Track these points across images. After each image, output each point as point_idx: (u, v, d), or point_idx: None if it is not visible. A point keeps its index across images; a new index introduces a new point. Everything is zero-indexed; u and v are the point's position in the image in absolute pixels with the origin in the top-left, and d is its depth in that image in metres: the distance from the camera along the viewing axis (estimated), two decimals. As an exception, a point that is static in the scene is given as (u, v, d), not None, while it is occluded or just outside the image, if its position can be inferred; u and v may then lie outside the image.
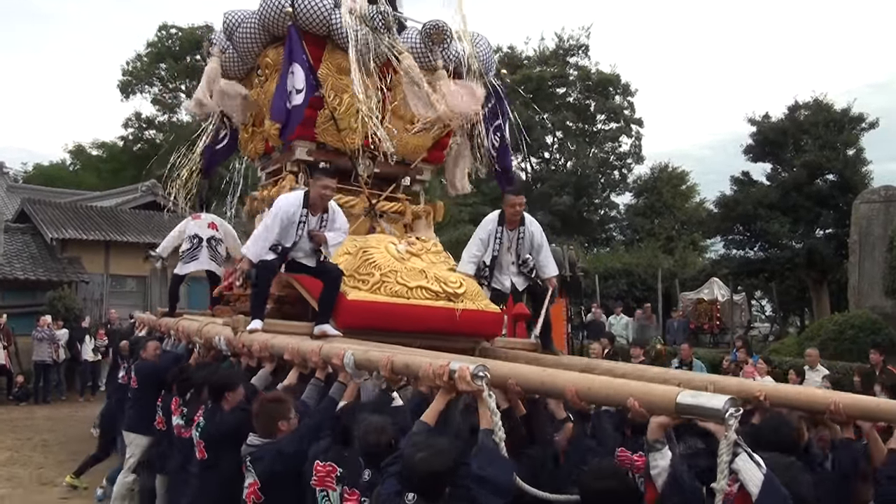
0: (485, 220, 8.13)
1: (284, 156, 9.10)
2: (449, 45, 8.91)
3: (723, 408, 3.06)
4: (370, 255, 7.36)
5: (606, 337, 15.13)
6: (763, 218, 26.12)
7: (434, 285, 7.22)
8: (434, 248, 8.05)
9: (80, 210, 24.04)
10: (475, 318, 7.30)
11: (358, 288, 7.09)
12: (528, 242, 7.96)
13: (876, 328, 15.22)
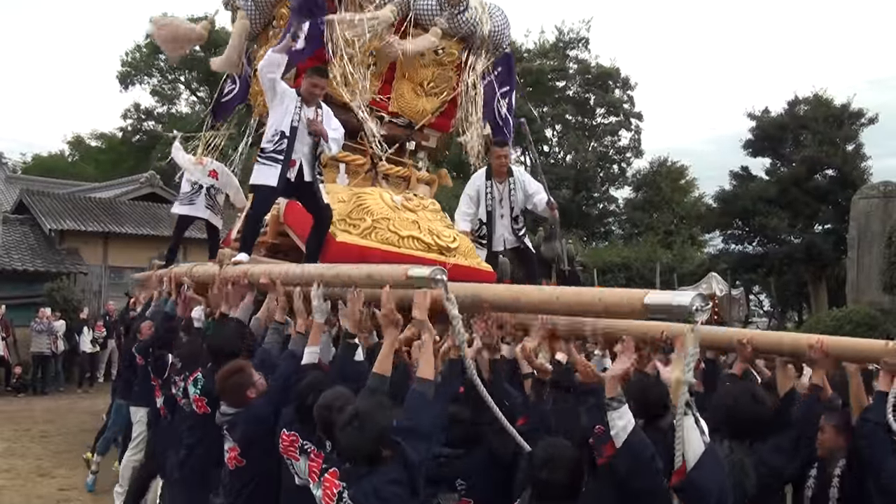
0: (473, 177, 8.10)
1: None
2: (464, 10, 8.72)
3: (690, 303, 2.92)
4: (364, 200, 7.21)
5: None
6: (762, 213, 26.17)
7: (426, 237, 7.11)
8: (432, 206, 7.92)
9: (78, 201, 24.03)
10: (466, 274, 6.94)
11: (348, 231, 6.95)
12: (520, 193, 7.92)
13: (874, 324, 15.23)
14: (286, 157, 6.58)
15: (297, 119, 6.64)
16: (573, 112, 38.89)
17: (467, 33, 8.85)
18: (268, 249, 7.67)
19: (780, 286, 26.38)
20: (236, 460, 4.39)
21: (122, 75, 38.86)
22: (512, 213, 7.94)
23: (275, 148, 6.58)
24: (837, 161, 25.91)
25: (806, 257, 25.30)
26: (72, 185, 30.75)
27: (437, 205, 8.07)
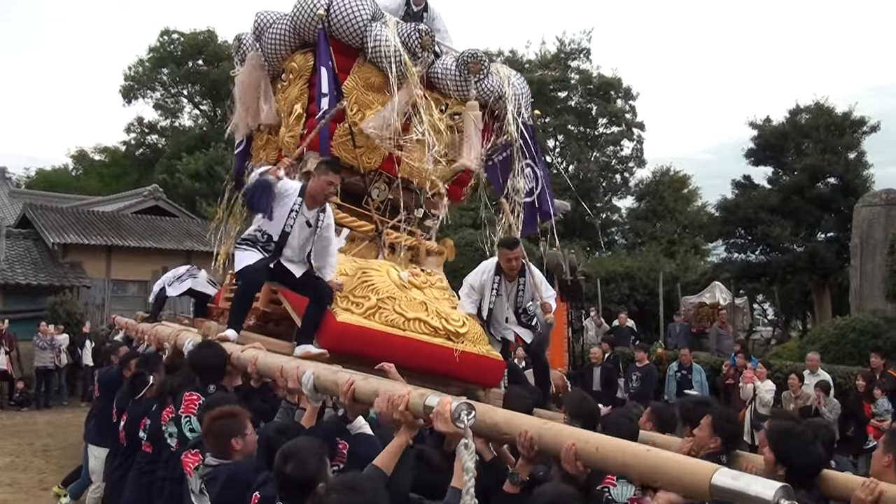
0: (480, 266, 7.54)
1: (295, 167, 8.29)
2: (485, 77, 8.39)
3: (773, 498, 2.47)
4: (369, 277, 6.69)
5: (607, 341, 15.15)
6: (764, 222, 26.15)
7: (434, 320, 6.57)
8: (439, 283, 7.46)
9: (81, 215, 24.10)
10: (475, 362, 6.62)
11: (350, 310, 6.38)
12: (528, 294, 7.37)
13: (877, 332, 15.21)
14: (272, 255, 6.21)
15: (291, 223, 6.18)
16: (575, 122, 38.93)
17: (488, 99, 8.47)
18: (258, 317, 7.36)
19: (783, 295, 26.33)
20: None
21: (125, 89, 39.11)
22: (518, 309, 7.41)
23: (263, 245, 6.20)
24: (839, 169, 25.90)
25: (809, 266, 25.26)
26: (75, 199, 30.87)
27: (444, 281, 7.67)
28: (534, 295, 7.37)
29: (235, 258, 6.38)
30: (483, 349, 6.72)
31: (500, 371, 6.88)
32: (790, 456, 3.67)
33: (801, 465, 3.66)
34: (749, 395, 12.23)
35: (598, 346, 14.41)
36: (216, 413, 4.12)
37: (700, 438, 4.24)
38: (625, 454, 2.97)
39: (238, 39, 9.11)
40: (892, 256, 15.69)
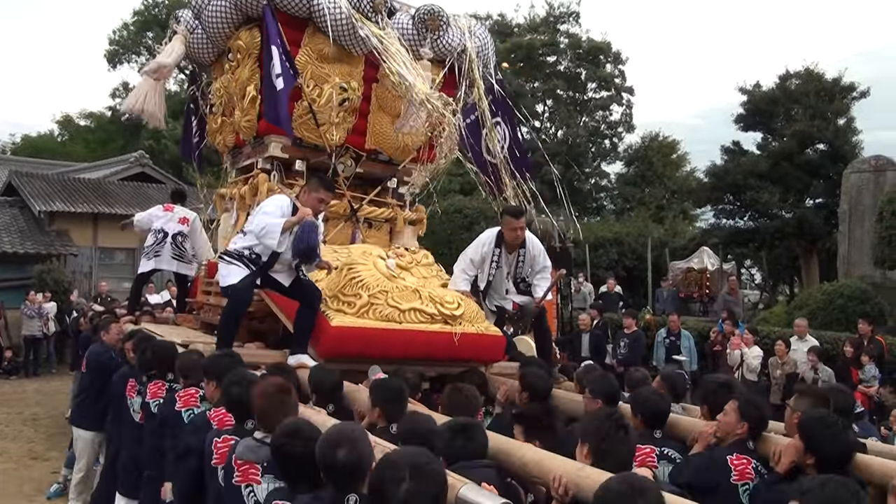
0: (480, 238, 7.30)
1: (256, 151, 8.22)
2: (444, 34, 8.07)
3: None
4: (357, 273, 6.47)
5: (595, 307, 15.18)
6: (753, 187, 26.21)
7: (429, 307, 6.39)
8: (425, 259, 7.27)
9: (67, 182, 23.91)
10: (475, 342, 6.50)
11: (343, 311, 6.23)
12: (528, 265, 7.22)
13: (865, 298, 15.29)
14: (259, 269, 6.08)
15: (283, 241, 5.99)
16: (564, 87, 38.69)
17: (449, 56, 8.13)
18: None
19: (771, 260, 26.44)
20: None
21: (109, 54, 38.73)
22: (516, 280, 7.30)
23: (250, 256, 6.05)
24: (829, 135, 25.92)
25: (797, 231, 25.36)
26: (61, 165, 30.59)
27: (429, 257, 7.44)
28: (533, 268, 7.24)
29: (220, 270, 6.19)
30: (481, 327, 6.63)
31: (501, 346, 6.78)
32: (821, 446, 3.65)
33: (831, 456, 3.62)
34: (736, 362, 12.30)
35: (586, 313, 14.44)
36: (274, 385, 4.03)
37: (726, 424, 4.22)
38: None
39: (175, 18, 8.54)
40: (880, 223, 15.74)
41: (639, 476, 2.85)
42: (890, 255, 15.40)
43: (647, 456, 4.33)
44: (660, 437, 4.49)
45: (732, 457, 4.08)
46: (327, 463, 3.01)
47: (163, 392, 5.54)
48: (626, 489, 2.66)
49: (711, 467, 4.12)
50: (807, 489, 2.60)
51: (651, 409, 4.55)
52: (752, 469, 4.06)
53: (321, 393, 4.85)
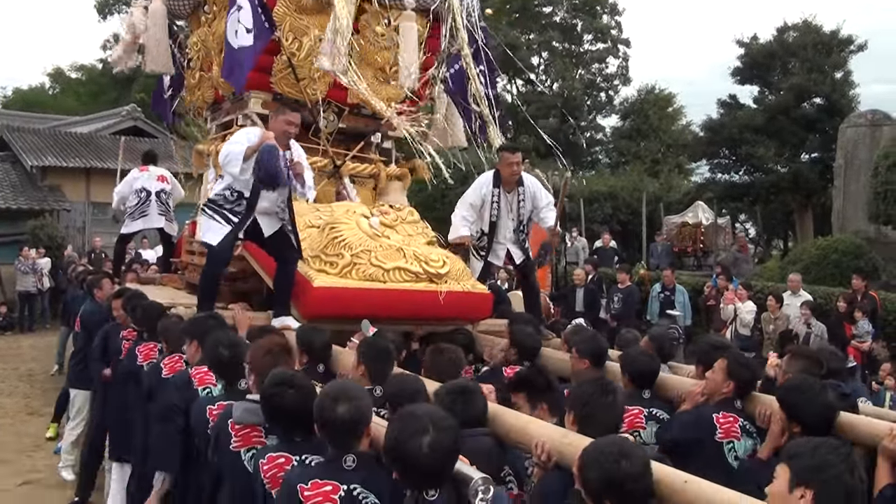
0: (477, 181, 7.19)
1: (235, 107, 7.96)
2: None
3: None
4: (339, 232, 6.34)
5: (590, 262, 15.20)
6: (749, 142, 26.14)
7: (414, 265, 6.27)
8: (410, 216, 7.07)
9: (59, 137, 23.76)
10: (461, 300, 6.40)
11: (325, 271, 6.12)
12: (529, 203, 7.12)
13: (859, 253, 15.32)
14: (242, 218, 5.92)
15: (247, 170, 5.78)
16: (560, 39, 38.37)
17: (431, 5, 7.84)
18: (225, 278, 6.99)
19: (765, 215, 26.48)
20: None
21: (100, 5, 38.22)
22: (518, 225, 7.16)
23: (231, 207, 5.89)
24: (825, 89, 25.77)
25: (792, 186, 25.33)
26: (52, 119, 30.30)
27: (415, 214, 7.22)
28: (535, 206, 7.15)
29: (200, 225, 6.12)
30: (467, 285, 6.49)
31: (488, 304, 6.71)
32: (800, 413, 3.65)
33: (813, 420, 3.62)
34: (730, 316, 12.33)
35: (581, 268, 14.46)
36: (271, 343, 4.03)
37: (713, 383, 4.21)
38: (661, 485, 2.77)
39: None
40: (875, 178, 15.71)
41: (627, 440, 2.85)
42: (885, 210, 15.39)
43: (635, 417, 4.34)
44: (648, 397, 4.48)
45: (719, 415, 4.08)
46: (326, 419, 2.97)
47: (155, 354, 5.51)
48: (612, 451, 2.66)
49: (697, 424, 4.11)
50: (795, 453, 2.58)
51: (640, 369, 4.54)
52: (739, 428, 4.06)
53: (312, 352, 4.77)
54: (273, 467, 3.20)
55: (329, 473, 2.95)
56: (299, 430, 3.18)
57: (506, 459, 3.50)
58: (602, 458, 2.65)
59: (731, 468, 3.98)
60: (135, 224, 9.45)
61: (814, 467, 2.48)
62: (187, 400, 4.38)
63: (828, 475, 2.44)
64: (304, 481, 2.93)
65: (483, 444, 3.42)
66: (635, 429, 4.34)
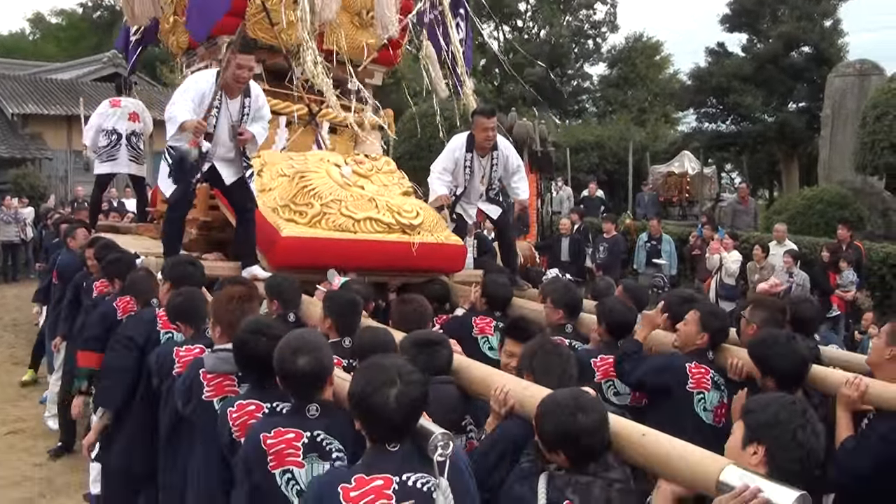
0: (450, 145, 7.06)
1: (209, 53, 7.76)
2: None
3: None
4: (309, 181, 6.23)
5: (576, 212, 15.19)
6: (737, 91, 26.05)
7: (386, 216, 6.16)
8: (386, 166, 7.00)
9: (40, 83, 23.45)
10: (434, 251, 6.30)
11: (294, 221, 6.02)
12: (500, 170, 7.07)
13: (844, 203, 15.34)
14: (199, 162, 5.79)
15: (214, 122, 5.71)
16: (547, -17, 37.95)
17: None
18: (199, 227, 6.96)
19: (751, 164, 26.49)
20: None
21: (80, -54, 37.46)
22: (489, 186, 7.11)
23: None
24: (815, 37, 25.63)
25: (779, 136, 25.31)
26: (33, 66, 29.91)
27: (391, 164, 7.15)
28: (507, 170, 7.13)
29: (161, 169, 5.95)
30: (441, 237, 6.43)
31: (462, 256, 6.66)
32: (773, 366, 3.65)
33: (785, 373, 3.62)
34: (715, 266, 12.36)
35: (566, 217, 14.43)
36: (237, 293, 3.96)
37: (687, 334, 4.21)
38: (619, 438, 2.78)
39: None
40: (863, 128, 15.66)
41: (585, 393, 2.84)
42: (872, 161, 15.35)
43: (609, 366, 4.36)
44: None
45: (692, 364, 4.08)
46: (287, 371, 2.97)
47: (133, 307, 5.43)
48: (569, 404, 2.68)
49: (668, 369, 4.12)
50: (749, 409, 2.58)
51: (616, 319, 4.53)
52: (710, 379, 4.07)
53: (282, 300, 4.74)
54: (242, 415, 3.18)
55: (292, 422, 2.97)
56: (271, 377, 3.14)
57: (468, 409, 3.49)
58: (559, 411, 2.67)
59: (701, 419, 4.00)
60: (103, 166, 9.21)
61: (766, 423, 2.47)
62: (147, 336, 4.39)
63: (780, 431, 2.43)
64: (268, 430, 2.94)
65: (446, 392, 3.42)
66: (609, 378, 4.37)
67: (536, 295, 6.08)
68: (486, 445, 3.19)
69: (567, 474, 2.69)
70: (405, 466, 2.56)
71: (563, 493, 2.64)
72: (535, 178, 14.75)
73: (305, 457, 2.93)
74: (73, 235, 7.88)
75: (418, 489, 2.53)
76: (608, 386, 4.35)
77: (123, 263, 5.73)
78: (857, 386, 3.56)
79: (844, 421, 3.60)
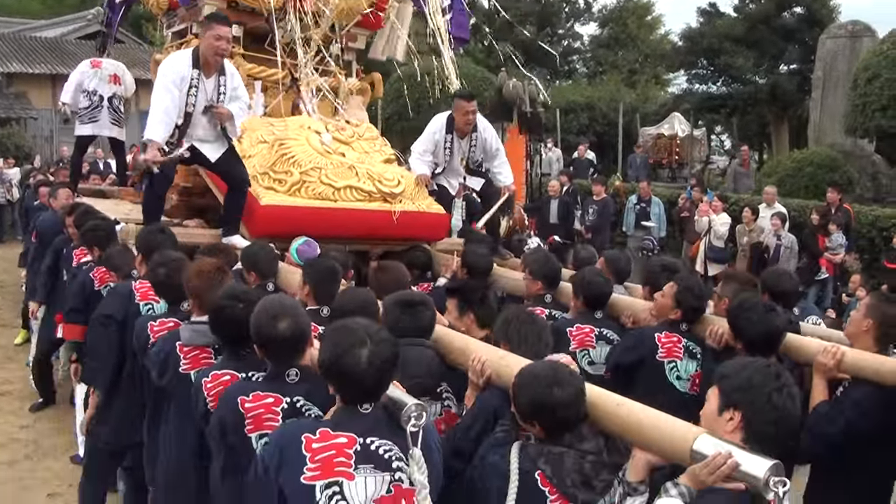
0: (430, 127, 7.02)
1: (190, 14, 7.57)
2: None
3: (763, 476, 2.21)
4: (288, 148, 6.16)
5: (565, 173, 15.14)
6: (728, 52, 25.96)
7: (366, 184, 6.09)
8: (368, 133, 6.92)
9: (24, 41, 23.17)
10: (416, 220, 6.27)
11: (273, 189, 5.97)
12: (480, 150, 7.04)
13: (834, 166, 15.33)
14: (176, 144, 5.71)
15: (193, 101, 5.64)
16: (539, -60, 37.50)
17: None
18: (180, 194, 6.88)
19: (742, 126, 26.42)
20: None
21: None
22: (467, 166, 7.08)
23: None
24: (807, -2, 25.54)
25: (770, 98, 25.25)
26: (17, 23, 29.47)
27: (373, 130, 7.09)
28: (486, 151, 7.09)
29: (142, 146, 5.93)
30: (423, 205, 6.40)
31: (444, 224, 6.63)
32: (744, 330, 3.67)
33: (755, 338, 3.64)
34: (704, 228, 12.38)
35: (556, 179, 14.39)
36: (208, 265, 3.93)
37: (662, 306, 4.21)
38: (595, 409, 2.78)
39: None
40: (854, 90, 15.60)
41: (563, 366, 2.85)
42: (862, 123, 15.32)
43: (585, 336, 4.38)
44: (600, 317, 4.50)
45: (661, 335, 4.09)
46: (266, 336, 2.94)
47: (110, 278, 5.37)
48: (546, 376, 2.70)
49: (637, 344, 4.15)
50: (723, 374, 2.55)
51: (592, 291, 4.53)
52: (682, 348, 4.08)
53: (258, 270, 4.70)
54: (217, 385, 3.16)
55: (272, 387, 2.96)
56: (247, 344, 3.13)
57: (446, 376, 3.48)
58: (535, 384, 2.70)
59: (676, 389, 4.02)
60: (85, 128, 9.15)
61: (740, 387, 2.44)
62: (126, 311, 4.35)
63: (755, 395, 2.40)
64: (246, 393, 2.93)
65: (423, 355, 3.41)
66: (585, 347, 4.38)
67: (518, 264, 6.04)
68: (468, 419, 3.19)
69: (540, 444, 2.73)
70: (372, 430, 2.56)
71: (536, 462, 2.68)
72: (525, 139, 14.70)
73: (285, 421, 2.92)
74: (55, 195, 7.82)
75: (380, 455, 2.54)
76: (583, 355, 4.36)
77: (102, 231, 5.65)
78: (833, 354, 3.55)
79: (820, 388, 3.60)
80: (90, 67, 9.16)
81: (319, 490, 2.48)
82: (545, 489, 2.65)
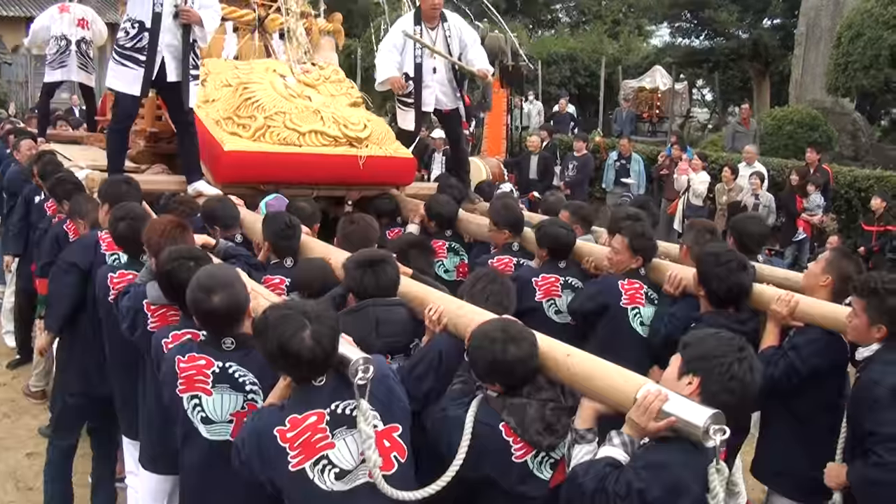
0: (397, 22, 6.94)
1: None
2: None
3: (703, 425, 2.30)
4: (252, 93, 6.06)
5: (545, 129, 15.07)
6: (711, 5, 25.74)
7: (332, 128, 5.99)
8: (335, 75, 6.80)
9: (-5, -18, 22.60)
10: (382, 164, 6.21)
11: (237, 135, 5.87)
12: (455, 41, 6.81)
13: (814, 124, 15.35)
14: (149, 55, 5.58)
15: (160, 3, 5.54)
16: None
17: None
18: (147, 139, 6.77)
19: (723, 81, 26.34)
20: None
21: None
22: (446, 64, 6.85)
23: (133, 45, 5.58)
24: (792, -51, 25.28)
25: (752, 53, 25.12)
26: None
27: (340, 72, 6.96)
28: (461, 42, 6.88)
29: (110, 71, 5.75)
30: (390, 150, 6.32)
31: (411, 169, 6.60)
32: (711, 282, 3.76)
33: (719, 291, 3.74)
34: (683, 186, 12.42)
35: (536, 135, 14.32)
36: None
37: (619, 260, 4.31)
38: (545, 358, 2.82)
39: None
40: (837, 48, 15.57)
41: (515, 323, 2.91)
42: (844, 82, 15.33)
43: (551, 285, 4.52)
44: (564, 266, 4.63)
45: (624, 282, 4.23)
46: (202, 310, 2.97)
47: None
48: (500, 335, 2.77)
49: (601, 292, 4.28)
50: (688, 342, 2.61)
51: (556, 242, 4.63)
52: (643, 294, 4.23)
53: (219, 224, 4.67)
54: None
55: (205, 350, 3.01)
56: None
57: (419, 332, 3.49)
58: (490, 346, 2.76)
59: (639, 335, 4.15)
60: (54, 74, 8.99)
61: (702, 356, 2.50)
62: (89, 261, 4.37)
63: (715, 363, 2.45)
64: (182, 354, 2.99)
65: (397, 315, 3.44)
66: (551, 297, 4.53)
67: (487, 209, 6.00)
68: (416, 357, 3.26)
69: (501, 398, 2.82)
70: (334, 396, 2.64)
71: (500, 415, 2.78)
72: (506, 93, 14.58)
73: (215, 386, 2.98)
74: (17, 147, 7.73)
75: (348, 415, 2.61)
76: (549, 304, 4.51)
77: (68, 183, 5.55)
78: (787, 302, 3.65)
79: (772, 335, 3.71)
80: (58, 12, 9.00)
81: (310, 469, 2.58)
82: (509, 439, 2.74)
